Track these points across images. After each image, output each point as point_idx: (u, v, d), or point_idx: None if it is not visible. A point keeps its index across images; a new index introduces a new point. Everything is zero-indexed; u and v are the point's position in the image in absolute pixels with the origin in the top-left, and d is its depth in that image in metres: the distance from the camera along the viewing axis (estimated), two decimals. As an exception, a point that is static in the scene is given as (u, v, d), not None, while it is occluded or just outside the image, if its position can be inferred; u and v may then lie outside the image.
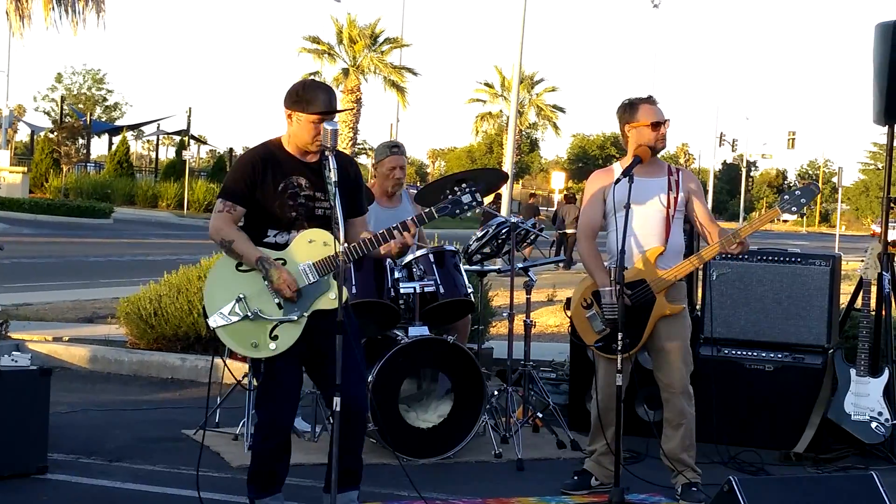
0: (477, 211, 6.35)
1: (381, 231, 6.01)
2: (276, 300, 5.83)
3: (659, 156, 7.17)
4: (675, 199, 7.02)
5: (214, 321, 5.84)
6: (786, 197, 6.99)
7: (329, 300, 5.83)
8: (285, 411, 6.01)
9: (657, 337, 7.00)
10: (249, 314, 5.80)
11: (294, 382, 6.02)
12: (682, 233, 7.16)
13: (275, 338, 5.82)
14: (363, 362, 6.17)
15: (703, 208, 7.14)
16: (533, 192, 40.30)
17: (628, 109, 7.10)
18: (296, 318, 5.83)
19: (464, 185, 6.15)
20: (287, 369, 5.90)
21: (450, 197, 6.11)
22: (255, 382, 8.03)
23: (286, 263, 5.85)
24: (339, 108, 6.02)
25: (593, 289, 7.04)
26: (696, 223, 7.14)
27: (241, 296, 5.82)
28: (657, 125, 7.02)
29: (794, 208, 6.96)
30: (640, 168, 6.89)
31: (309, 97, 5.89)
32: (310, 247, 5.88)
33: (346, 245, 5.73)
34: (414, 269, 7.99)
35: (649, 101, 7.12)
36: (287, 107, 5.94)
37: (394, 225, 6.01)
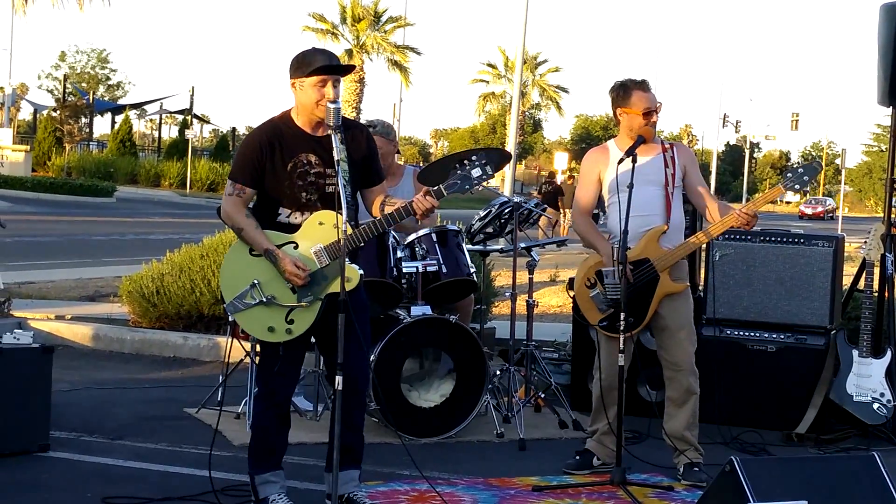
0: (484, 185, 6.11)
1: (389, 213, 5.88)
2: (290, 285, 5.81)
3: (663, 137, 7.16)
4: (673, 174, 7.02)
5: (232, 307, 5.84)
6: (789, 175, 7.00)
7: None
8: (285, 383, 6.01)
9: (662, 316, 6.99)
10: (264, 299, 5.79)
11: (297, 357, 6.03)
12: (682, 209, 7.15)
13: (291, 322, 5.81)
14: (368, 340, 6.16)
15: (699, 181, 7.14)
16: (572, 173, 39.59)
17: (621, 93, 7.06)
18: (308, 303, 5.81)
19: (473, 158, 5.87)
20: (291, 344, 5.90)
21: (458, 172, 5.85)
22: (257, 361, 8.07)
23: (297, 248, 5.82)
24: (341, 72, 5.92)
25: (597, 268, 7.03)
26: (692, 196, 7.12)
27: (256, 282, 5.80)
28: (649, 113, 7.00)
29: (797, 186, 6.96)
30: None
31: (309, 60, 5.83)
32: (320, 229, 5.83)
33: (349, 230, 5.68)
34: (416, 249, 7.98)
35: (642, 86, 7.06)
36: (291, 77, 5.88)
37: (402, 204, 5.86)
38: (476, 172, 5.80)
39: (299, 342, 5.94)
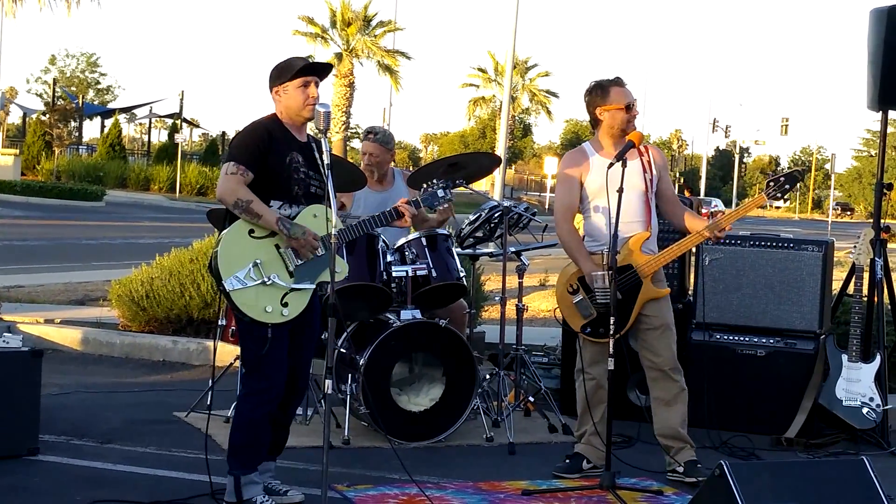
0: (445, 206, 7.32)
1: (380, 214, 6.46)
2: (290, 268, 5.92)
3: (652, 141, 7.19)
4: (651, 179, 7.05)
5: (230, 284, 5.85)
6: (770, 183, 7.11)
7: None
8: (281, 378, 6.03)
9: (644, 320, 7.02)
10: (266, 280, 5.87)
11: (286, 351, 6.05)
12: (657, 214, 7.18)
13: (285, 304, 5.92)
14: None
15: (668, 186, 7.21)
16: None
17: (598, 92, 7.08)
18: (309, 286, 5.97)
19: (434, 182, 6.92)
20: (282, 337, 5.97)
21: (428, 190, 6.87)
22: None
23: None
24: (321, 71, 6.17)
25: (579, 274, 7.04)
26: (664, 203, 7.17)
27: (258, 261, 5.88)
28: (630, 107, 7.03)
29: (779, 194, 7.06)
30: (615, 150, 6.90)
31: (288, 65, 6.08)
32: (315, 221, 6.02)
33: (341, 226, 5.85)
34: (406, 253, 7.98)
35: (618, 83, 7.12)
36: (272, 87, 6.10)
37: (387, 209, 6.51)
38: (441, 193, 6.87)
39: (287, 334, 6.00)
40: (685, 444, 7.07)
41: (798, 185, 7.18)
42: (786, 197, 7.48)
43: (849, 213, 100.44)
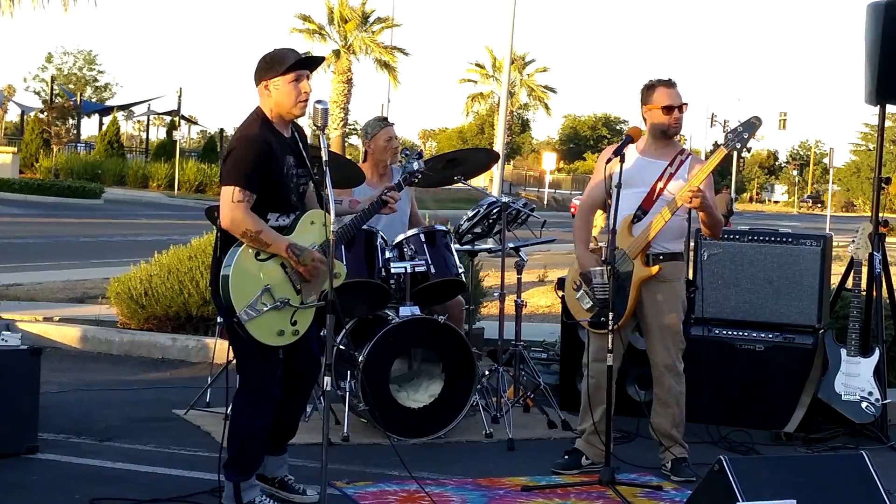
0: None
1: (365, 208, 6.72)
2: (297, 286, 5.81)
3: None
4: (671, 176, 7.03)
5: (247, 315, 5.68)
6: (729, 135, 7.12)
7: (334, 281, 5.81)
8: (277, 389, 6.01)
9: (647, 316, 7.04)
10: (278, 304, 5.74)
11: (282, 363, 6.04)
12: (678, 216, 7.12)
13: (294, 323, 5.81)
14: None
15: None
16: None
17: (646, 91, 7.19)
18: (316, 304, 5.86)
19: (413, 154, 7.54)
20: (278, 348, 5.91)
21: (405, 167, 7.42)
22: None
23: None
24: (312, 65, 6.01)
25: (581, 271, 7.08)
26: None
27: (267, 286, 5.73)
28: (669, 109, 7.05)
29: (738, 144, 7.10)
30: (651, 149, 7.07)
31: (279, 58, 5.86)
32: (312, 229, 5.91)
33: (338, 227, 5.78)
34: (405, 249, 7.97)
35: (667, 84, 7.17)
36: (261, 79, 5.88)
37: (373, 201, 6.86)
38: (416, 165, 7.35)
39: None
40: (674, 444, 7.11)
41: (757, 132, 7.14)
42: (749, 147, 7.53)
43: (819, 205, 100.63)
